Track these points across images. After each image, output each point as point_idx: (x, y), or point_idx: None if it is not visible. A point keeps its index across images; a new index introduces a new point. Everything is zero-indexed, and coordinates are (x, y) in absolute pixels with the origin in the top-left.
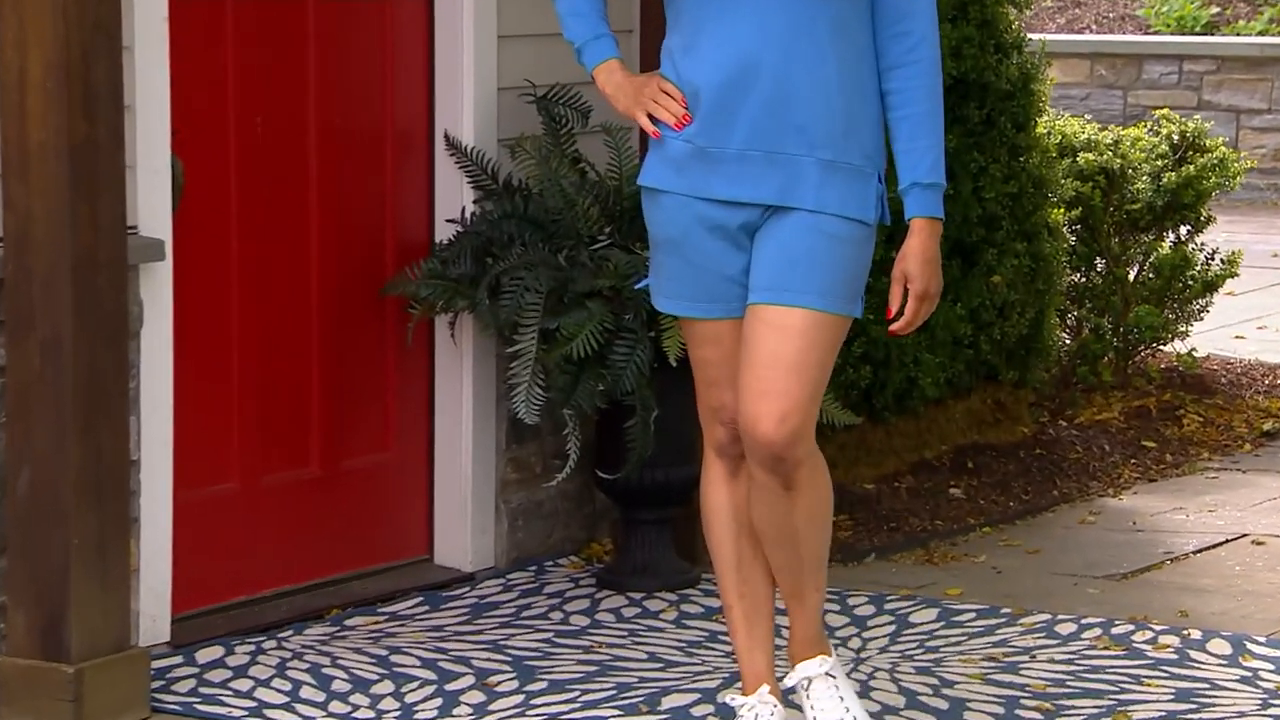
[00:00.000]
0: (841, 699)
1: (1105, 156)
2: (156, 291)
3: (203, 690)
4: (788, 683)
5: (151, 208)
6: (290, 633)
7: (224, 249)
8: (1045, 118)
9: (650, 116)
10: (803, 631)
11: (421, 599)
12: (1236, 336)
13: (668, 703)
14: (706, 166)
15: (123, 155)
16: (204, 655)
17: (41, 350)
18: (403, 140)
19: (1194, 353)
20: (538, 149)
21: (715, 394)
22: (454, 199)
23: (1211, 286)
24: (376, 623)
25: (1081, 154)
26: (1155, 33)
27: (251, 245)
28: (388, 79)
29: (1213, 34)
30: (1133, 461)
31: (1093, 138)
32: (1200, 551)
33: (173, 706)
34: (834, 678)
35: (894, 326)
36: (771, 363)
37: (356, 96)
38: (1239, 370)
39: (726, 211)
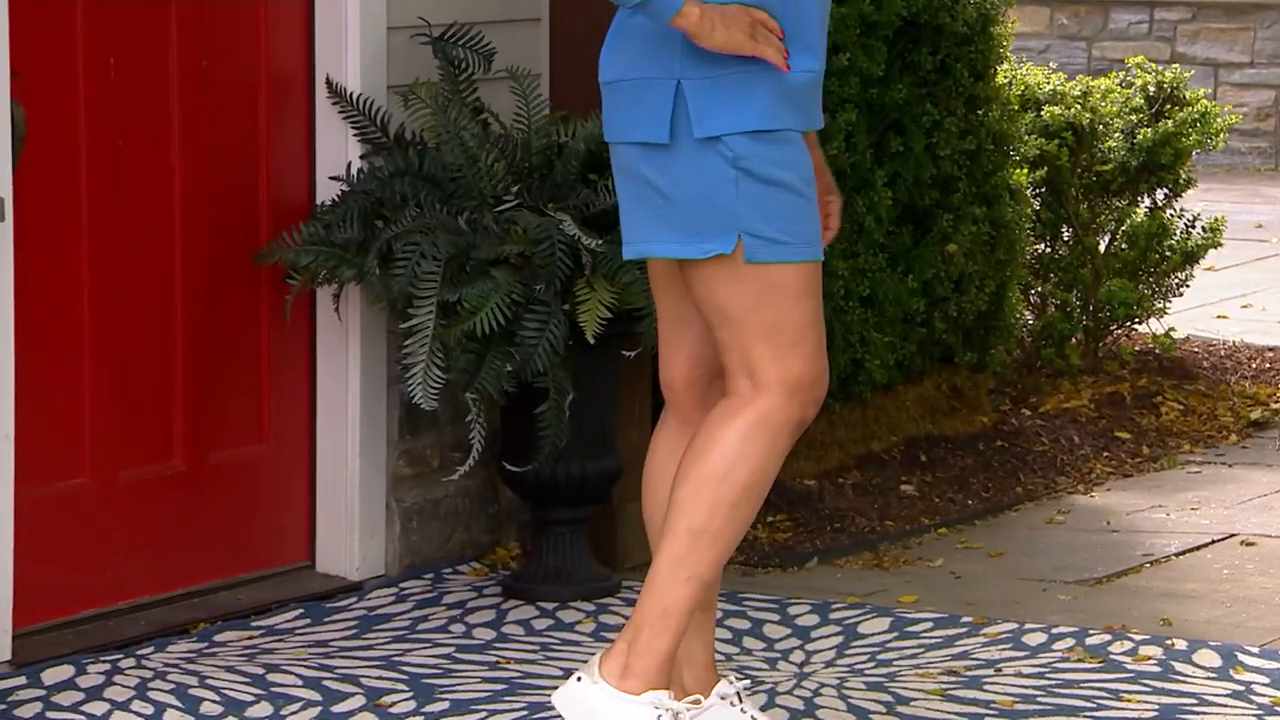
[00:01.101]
0: None
1: (1073, 110)
2: None
3: (50, 715)
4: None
5: None
6: (151, 650)
7: (73, 209)
8: (1006, 66)
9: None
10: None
11: (302, 611)
12: (1219, 316)
13: None
14: (813, 97)
15: None
16: (51, 675)
17: None
18: (278, 86)
19: (1172, 333)
20: (434, 97)
21: (824, 358)
22: (338, 154)
23: (1192, 258)
24: (251, 638)
25: (1046, 108)
26: None
27: (104, 205)
28: (260, 16)
29: None
30: (1105, 455)
31: (1059, 89)
32: (1183, 553)
33: None
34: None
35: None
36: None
37: (225, 36)
38: (1222, 353)
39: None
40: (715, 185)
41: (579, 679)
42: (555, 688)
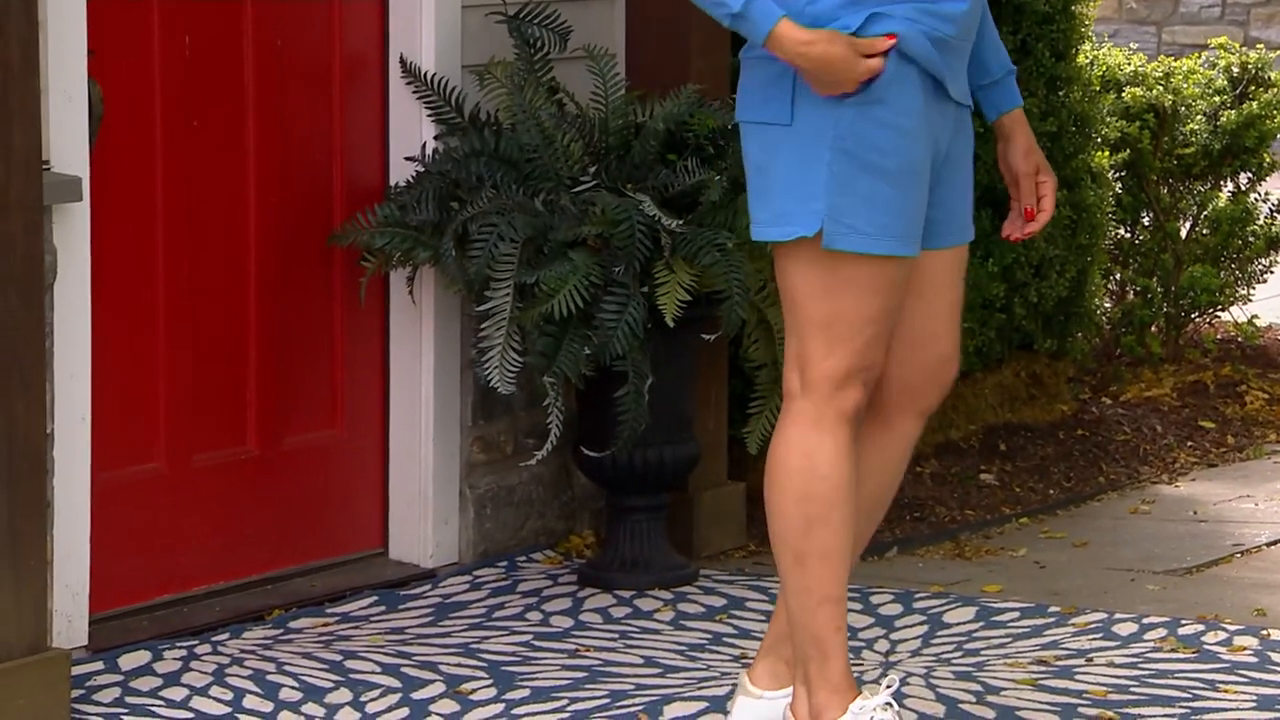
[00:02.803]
0: None
1: (1155, 92)
2: (72, 237)
3: (130, 700)
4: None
5: (65, 140)
6: (226, 636)
7: (148, 189)
8: (1087, 46)
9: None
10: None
11: (376, 598)
12: None
13: (670, 712)
14: (953, 60)
15: (37, 78)
16: (128, 661)
17: None
18: (352, 65)
19: (1255, 321)
20: (509, 76)
21: (878, 350)
22: (412, 134)
23: (1276, 244)
24: (326, 625)
25: (1128, 89)
26: None
27: (179, 186)
28: None
29: None
30: (1189, 444)
31: (1140, 70)
32: (1275, 543)
33: (95, 718)
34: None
35: (1035, 226)
36: (957, 312)
37: (299, 14)
38: None
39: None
40: (808, 168)
41: None
42: (637, 676)
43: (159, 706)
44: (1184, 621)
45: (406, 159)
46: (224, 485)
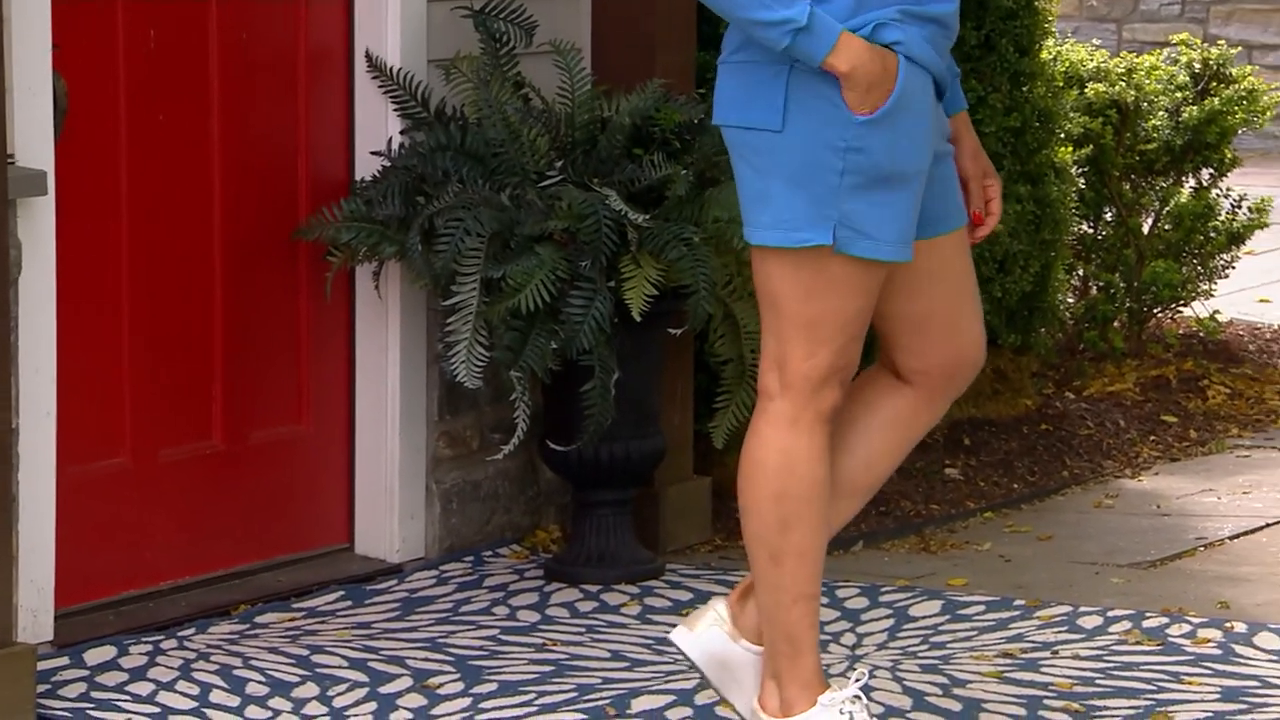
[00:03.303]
0: None
1: (1118, 88)
2: (37, 231)
3: (95, 695)
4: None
5: (30, 134)
6: (192, 631)
7: (113, 183)
8: (1050, 42)
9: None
10: None
11: (343, 593)
12: (1261, 300)
13: (639, 705)
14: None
15: (1, 72)
16: (94, 656)
17: None
18: (318, 60)
19: (1217, 316)
20: (475, 71)
21: (856, 351)
22: (378, 129)
23: (1237, 239)
24: (293, 619)
25: (1091, 85)
26: None
27: (145, 180)
28: None
29: None
30: (1151, 438)
31: (1103, 66)
32: (1237, 537)
33: (61, 713)
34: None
35: (984, 230)
36: (975, 288)
37: (265, 8)
38: (1268, 336)
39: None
40: (818, 173)
41: None
42: (605, 669)
43: (125, 701)
44: (1148, 614)
45: (372, 154)
46: (190, 480)
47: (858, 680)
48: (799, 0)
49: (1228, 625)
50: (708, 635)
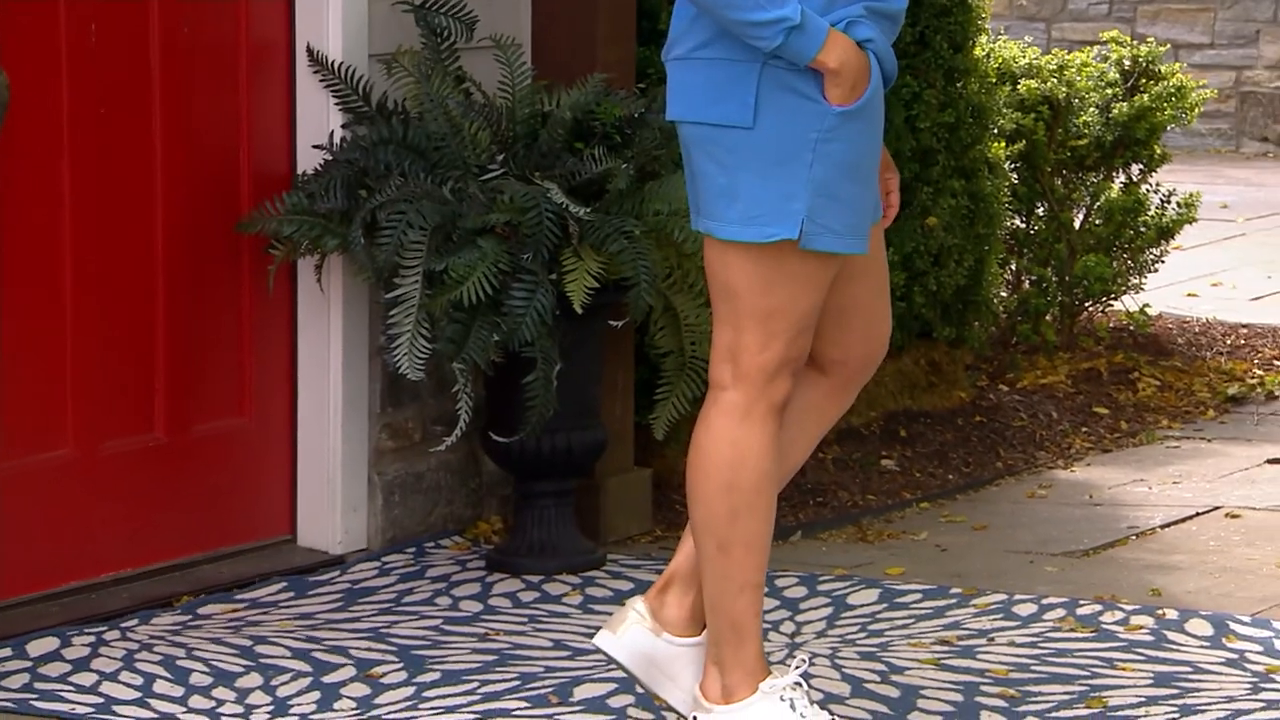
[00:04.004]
0: None
1: (1049, 84)
2: None
3: (38, 686)
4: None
5: None
6: (135, 622)
7: (54, 177)
8: (983, 39)
9: None
10: None
11: (285, 584)
12: (1189, 294)
13: (580, 693)
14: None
15: None
16: (36, 647)
17: None
18: (259, 54)
19: (1147, 310)
20: (416, 65)
21: (807, 342)
22: (320, 123)
23: (1167, 233)
24: (235, 610)
25: (1023, 81)
26: None
27: (87, 174)
28: None
29: None
30: (1084, 430)
31: (1035, 63)
32: (1168, 526)
33: (5, 703)
34: None
35: (885, 221)
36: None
37: (206, 3)
38: (1196, 330)
39: None
40: (786, 169)
41: (694, 718)
42: (547, 658)
43: (68, 692)
44: (1082, 602)
45: (314, 147)
46: (132, 472)
47: (798, 667)
48: (790, 0)
49: (1159, 612)
50: (630, 635)
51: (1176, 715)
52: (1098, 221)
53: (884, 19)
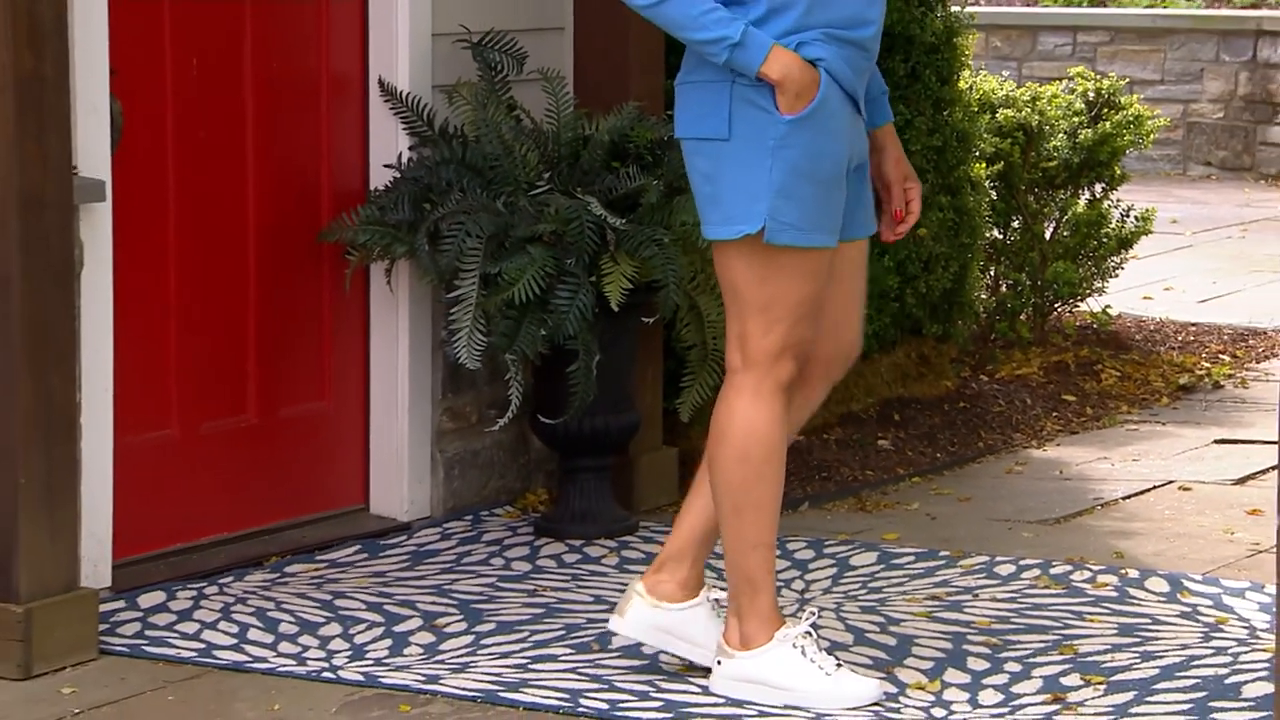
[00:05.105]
0: None
1: (1024, 113)
2: (97, 233)
3: (149, 633)
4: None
5: (91, 148)
6: (231, 579)
7: (161, 192)
8: (966, 73)
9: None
10: None
11: (360, 547)
12: (1145, 297)
13: (618, 642)
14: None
15: (68, 93)
16: (147, 600)
17: None
18: (337, 86)
19: (1108, 310)
20: (474, 95)
21: (808, 328)
22: (389, 145)
23: (1126, 243)
24: (317, 569)
25: (1001, 110)
26: (1044, 7)
27: (189, 189)
28: (322, 24)
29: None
30: (1054, 414)
31: (1011, 94)
32: (1129, 497)
33: (120, 648)
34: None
35: (905, 226)
36: (864, 296)
37: (291, 41)
38: (1151, 328)
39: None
40: (752, 173)
41: (718, 663)
42: (588, 612)
43: (174, 639)
44: (1054, 563)
45: (385, 166)
46: (227, 449)
47: (809, 619)
48: (736, 20)
49: (1123, 572)
50: (637, 614)
51: (1138, 660)
52: (1066, 233)
53: (847, 45)
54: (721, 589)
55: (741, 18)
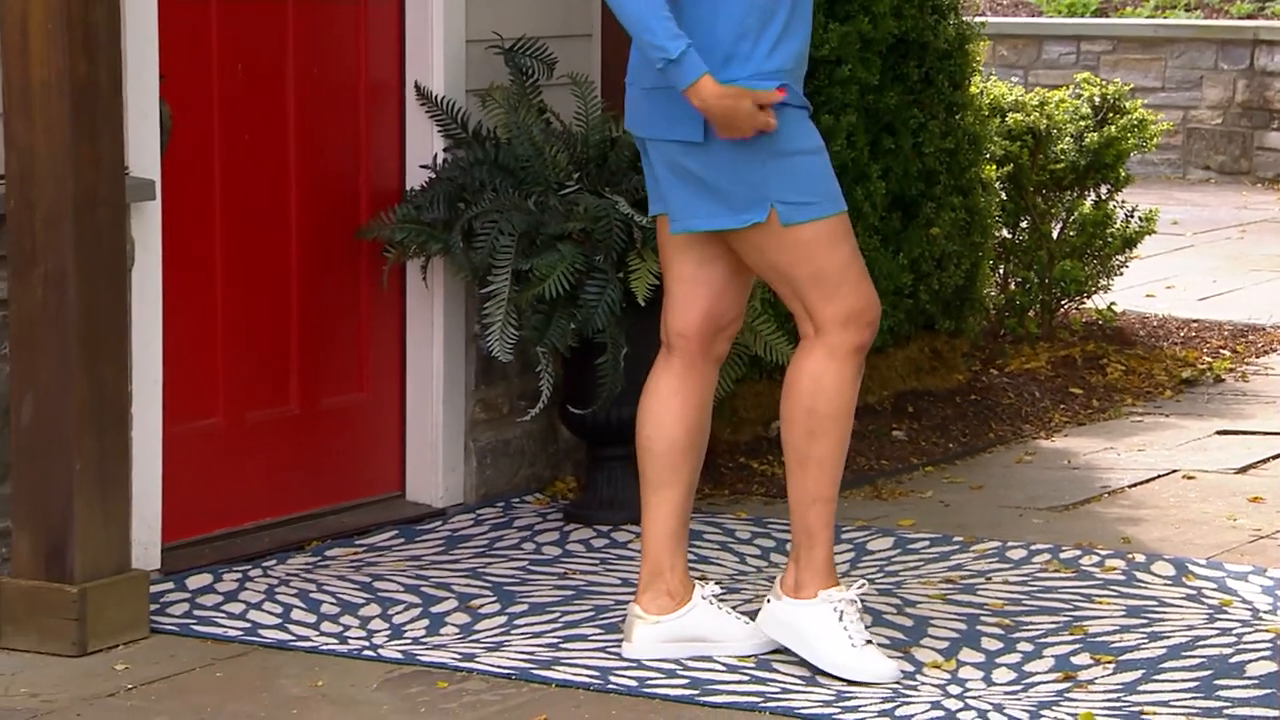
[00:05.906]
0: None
1: (1033, 117)
2: (147, 230)
3: (197, 613)
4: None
5: (141, 149)
6: (274, 562)
7: (208, 192)
8: (977, 78)
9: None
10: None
11: (396, 532)
12: (1147, 295)
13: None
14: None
15: (120, 97)
16: (194, 582)
17: (45, 284)
18: (375, 90)
19: (1113, 307)
20: (506, 99)
21: (864, 284)
22: (425, 147)
23: (1130, 243)
24: (356, 553)
25: (1010, 114)
26: (1049, 18)
27: (234, 189)
28: (361, 31)
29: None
30: (1062, 407)
31: (1020, 99)
32: (1135, 486)
33: (170, 627)
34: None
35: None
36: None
37: (331, 47)
38: (1155, 324)
39: None
40: (746, 167)
41: (769, 601)
42: (616, 594)
43: (221, 618)
44: (1064, 548)
45: (421, 167)
46: (271, 438)
47: (857, 588)
48: (681, 38)
49: (1130, 556)
50: (643, 635)
51: (1146, 640)
52: (1072, 233)
53: (797, 83)
54: (716, 581)
55: (686, 37)
